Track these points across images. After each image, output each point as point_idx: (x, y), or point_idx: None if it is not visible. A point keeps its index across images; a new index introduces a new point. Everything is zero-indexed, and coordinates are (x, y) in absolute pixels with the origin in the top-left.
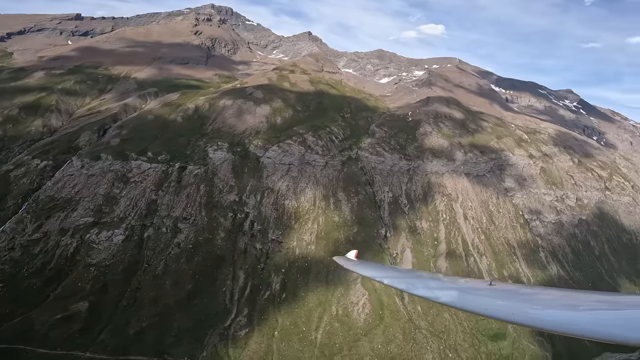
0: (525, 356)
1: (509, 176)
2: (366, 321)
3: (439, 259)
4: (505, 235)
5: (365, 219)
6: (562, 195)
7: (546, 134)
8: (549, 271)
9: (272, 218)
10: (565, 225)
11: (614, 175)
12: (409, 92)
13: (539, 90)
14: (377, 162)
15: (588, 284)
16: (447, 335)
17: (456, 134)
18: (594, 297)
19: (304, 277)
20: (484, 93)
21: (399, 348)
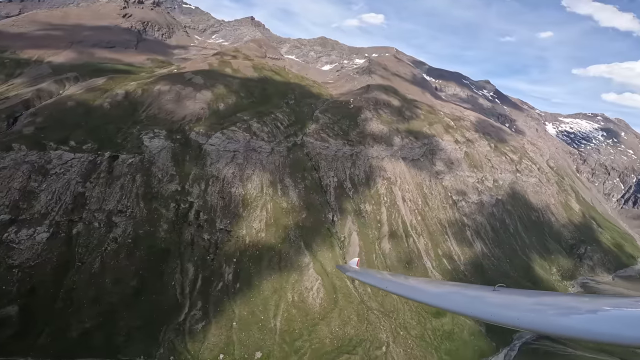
0: (464, 330)
1: (439, 160)
2: (322, 305)
3: (382, 240)
4: (437, 216)
5: (313, 204)
6: (482, 177)
7: (469, 121)
8: (475, 248)
9: (219, 207)
10: (485, 205)
11: (523, 159)
12: (350, 79)
13: (462, 80)
14: (322, 148)
15: (506, 260)
16: (397, 314)
17: (394, 120)
18: (596, 300)
19: (256, 266)
20: (418, 82)
21: (355, 329)
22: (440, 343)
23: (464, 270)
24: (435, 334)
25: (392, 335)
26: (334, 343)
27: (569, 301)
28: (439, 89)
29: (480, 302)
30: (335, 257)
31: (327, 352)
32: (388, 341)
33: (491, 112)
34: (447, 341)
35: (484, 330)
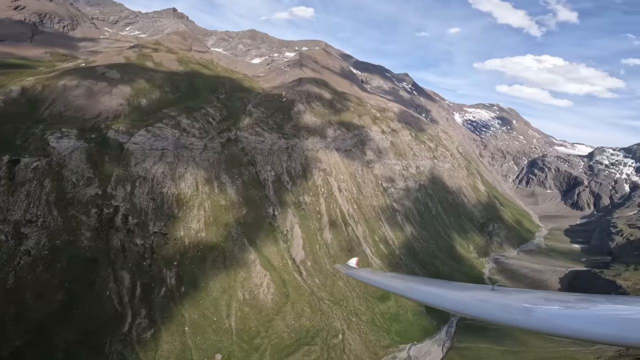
0: (407, 312)
1: (369, 149)
2: (274, 301)
3: (323, 231)
4: (371, 203)
5: (253, 199)
6: (406, 164)
7: (392, 112)
8: (406, 232)
9: (150, 209)
10: (411, 190)
11: (438, 146)
12: (281, 72)
13: (385, 73)
14: (257, 142)
15: (432, 241)
16: (346, 302)
17: (326, 113)
18: (593, 299)
19: (200, 267)
20: (346, 75)
21: (310, 321)
22: (390, 325)
23: (400, 254)
24: (384, 317)
25: (346, 322)
26: (292, 336)
27: (568, 300)
28: (365, 82)
29: (480, 302)
30: (280, 251)
31: (287, 346)
32: (343, 329)
33: (410, 104)
34: (395, 323)
35: (425, 310)
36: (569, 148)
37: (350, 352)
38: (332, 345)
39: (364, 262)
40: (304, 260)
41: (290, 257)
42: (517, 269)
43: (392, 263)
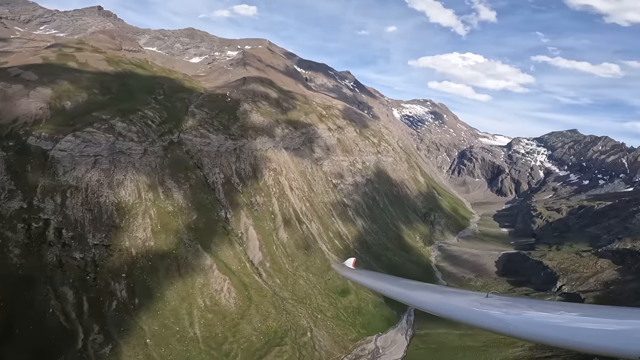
0: (368, 304)
1: (317, 147)
2: (237, 305)
3: (278, 230)
4: (323, 200)
5: (203, 203)
6: (353, 160)
7: (337, 109)
8: (357, 226)
9: (87, 220)
10: (359, 185)
11: (381, 142)
12: (224, 72)
13: (328, 71)
14: (203, 144)
15: (382, 233)
16: (309, 299)
17: (273, 112)
18: (586, 310)
19: (152, 277)
20: (290, 73)
21: (276, 322)
22: (354, 319)
23: (354, 248)
24: (347, 311)
25: (312, 320)
26: (261, 339)
27: (560, 309)
28: (309, 80)
29: (472, 309)
30: (236, 255)
31: (258, 349)
32: (310, 326)
33: (353, 101)
34: (359, 316)
35: (384, 301)
36: (490, 139)
37: (320, 349)
38: (302, 344)
39: (321, 259)
40: (262, 261)
41: (248, 260)
42: (459, 254)
43: (348, 257)
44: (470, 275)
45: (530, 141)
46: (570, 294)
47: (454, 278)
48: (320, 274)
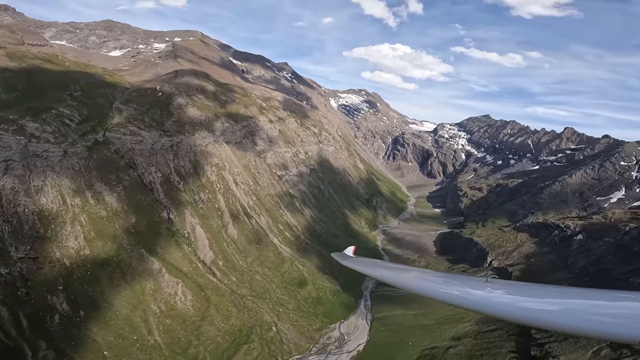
0: (326, 293)
1: (260, 139)
2: (195, 307)
3: (227, 227)
4: (269, 192)
5: (141, 205)
6: (296, 151)
7: (277, 101)
8: (305, 216)
9: (7, 232)
10: (304, 175)
11: (322, 131)
12: (152, 65)
13: (265, 63)
14: (135, 142)
15: (330, 221)
16: (269, 294)
17: (211, 105)
18: (585, 293)
19: (94, 287)
20: (226, 65)
21: (239, 320)
22: (315, 309)
23: (305, 239)
24: (307, 302)
25: (275, 314)
26: (227, 339)
27: (559, 294)
28: (246, 72)
29: (473, 294)
30: (186, 256)
31: (225, 349)
32: (274, 321)
33: (291, 92)
34: (319, 305)
35: (340, 288)
36: (419, 125)
37: (288, 342)
38: (269, 339)
39: (274, 252)
40: (215, 260)
41: (199, 260)
42: (402, 237)
43: (300, 248)
44: (414, 256)
45: (452, 126)
46: (500, 268)
47: (400, 260)
48: (275, 268)
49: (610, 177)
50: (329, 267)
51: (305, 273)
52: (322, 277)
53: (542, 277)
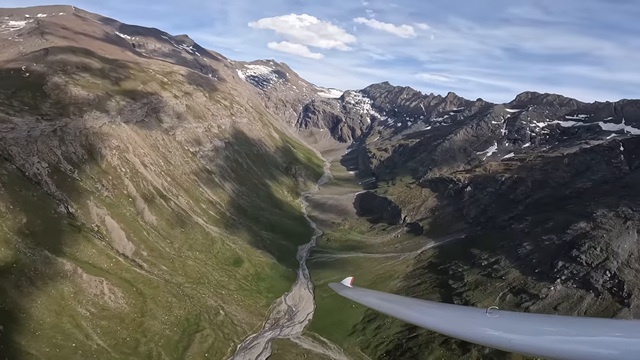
0: (264, 268)
1: (165, 116)
2: (130, 304)
3: (143, 214)
4: (184, 171)
5: (29, 201)
6: (208, 125)
7: (180, 75)
8: (227, 191)
9: None
10: (219, 149)
11: (233, 104)
12: (11, 44)
13: (161, 36)
14: (5, 131)
15: (253, 194)
16: (206, 278)
17: (99, 83)
18: (587, 322)
19: (4, 298)
20: (113, 40)
21: (183, 309)
22: (258, 285)
23: (231, 215)
24: (248, 280)
25: (219, 297)
26: (176, 330)
27: (560, 323)
28: (138, 46)
29: (473, 325)
30: (101, 251)
31: (178, 341)
32: (219, 304)
33: (194, 65)
34: (260, 282)
35: (276, 261)
36: (327, 93)
37: (240, 323)
38: (220, 323)
39: (202, 233)
40: (137, 251)
41: (118, 254)
42: (324, 201)
43: (228, 226)
44: (338, 220)
45: (357, 93)
46: (412, 224)
47: (326, 224)
48: (206, 250)
49: (485, 134)
50: (261, 241)
51: (239, 251)
52: (257, 252)
53: (447, 228)
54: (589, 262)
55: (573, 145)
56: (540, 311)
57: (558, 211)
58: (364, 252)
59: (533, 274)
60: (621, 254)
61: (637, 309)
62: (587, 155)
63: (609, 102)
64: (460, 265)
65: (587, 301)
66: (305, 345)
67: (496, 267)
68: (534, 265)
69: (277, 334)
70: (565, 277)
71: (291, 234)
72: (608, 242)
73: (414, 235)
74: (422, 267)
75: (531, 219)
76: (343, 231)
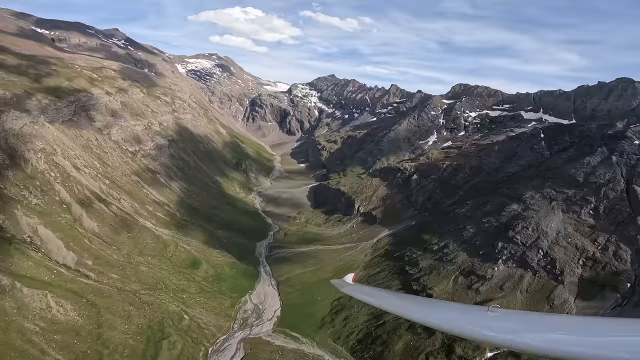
0: (224, 267)
1: (98, 115)
2: (83, 315)
3: (82, 220)
4: (124, 172)
5: None
6: (148, 123)
7: (112, 70)
8: (175, 190)
9: None
10: (163, 148)
11: (175, 99)
12: None
13: (87, 30)
14: None
15: (204, 192)
16: (164, 283)
17: (16, 81)
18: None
19: None
20: (29, 35)
21: (143, 317)
22: (220, 286)
23: (182, 216)
24: (208, 281)
25: (180, 302)
26: (140, 339)
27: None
28: (59, 40)
29: (478, 326)
30: (39, 263)
31: (144, 350)
32: (182, 308)
33: (128, 60)
34: (222, 282)
35: (235, 259)
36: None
37: (207, 325)
38: (186, 328)
39: (152, 237)
40: (81, 261)
41: (59, 265)
42: (278, 195)
43: (179, 227)
44: (293, 213)
45: (304, 86)
46: (366, 213)
47: (282, 219)
48: (159, 254)
49: (425, 124)
50: (217, 240)
51: (195, 252)
52: (214, 252)
53: (398, 216)
54: (524, 241)
55: (501, 133)
56: (489, 291)
57: (493, 194)
58: (323, 244)
59: (478, 255)
60: (550, 233)
61: (572, 286)
62: (514, 142)
63: (529, 93)
64: (414, 252)
65: (527, 280)
66: (277, 342)
67: (446, 251)
68: (478, 247)
69: (248, 334)
70: (505, 258)
71: (248, 231)
72: (538, 222)
73: (369, 224)
74: (380, 255)
75: (471, 203)
76: (299, 224)
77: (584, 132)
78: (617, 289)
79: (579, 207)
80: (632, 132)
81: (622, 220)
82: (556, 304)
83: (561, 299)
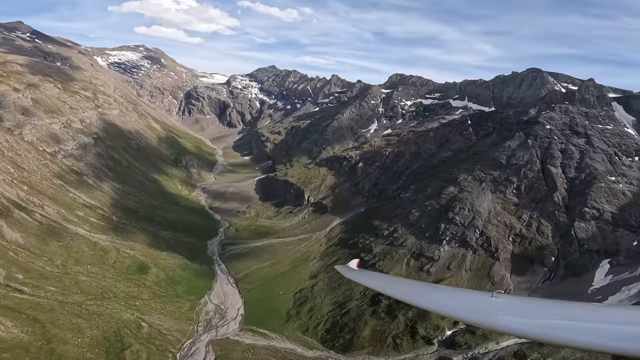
0: (175, 269)
1: (6, 113)
2: (27, 332)
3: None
4: (44, 176)
5: None
6: (67, 120)
7: (18, 65)
8: (107, 192)
9: None
10: (87, 146)
11: (97, 94)
12: None
13: None
14: None
15: (142, 192)
16: (111, 291)
17: None
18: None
19: None
20: None
21: (96, 329)
22: (175, 289)
23: (119, 220)
24: (161, 286)
25: (134, 309)
26: (98, 352)
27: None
28: None
29: (481, 311)
30: None
31: None
32: (138, 316)
33: (36, 53)
34: (177, 285)
35: (187, 260)
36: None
37: (169, 331)
38: (147, 336)
39: (88, 244)
40: (9, 275)
41: None
42: (224, 190)
43: (118, 231)
44: (242, 208)
45: (244, 77)
46: (316, 203)
47: (231, 214)
48: (99, 262)
49: (366, 113)
50: (163, 242)
51: (140, 256)
52: (162, 254)
53: (347, 204)
54: (462, 222)
55: (434, 120)
56: (438, 272)
57: (432, 178)
58: (277, 237)
59: (425, 237)
60: (483, 212)
61: (506, 262)
62: (446, 129)
63: (455, 83)
64: (366, 238)
65: (469, 258)
66: (247, 340)
67: (396, 236)
68: (424, 229)
69: (215, 336)
70: (449, 238)
71: (196, 230)
72: (472, 202)
73: (320, 214)
74: (334, 244)
75: (414, 188)
76: (250, 219)
77: (503, 118)
78: (544, 263)
79: (504, 187)
80: (543, 117)
81: (540, 197)
82: (496, 281)
83: (499, 275)
